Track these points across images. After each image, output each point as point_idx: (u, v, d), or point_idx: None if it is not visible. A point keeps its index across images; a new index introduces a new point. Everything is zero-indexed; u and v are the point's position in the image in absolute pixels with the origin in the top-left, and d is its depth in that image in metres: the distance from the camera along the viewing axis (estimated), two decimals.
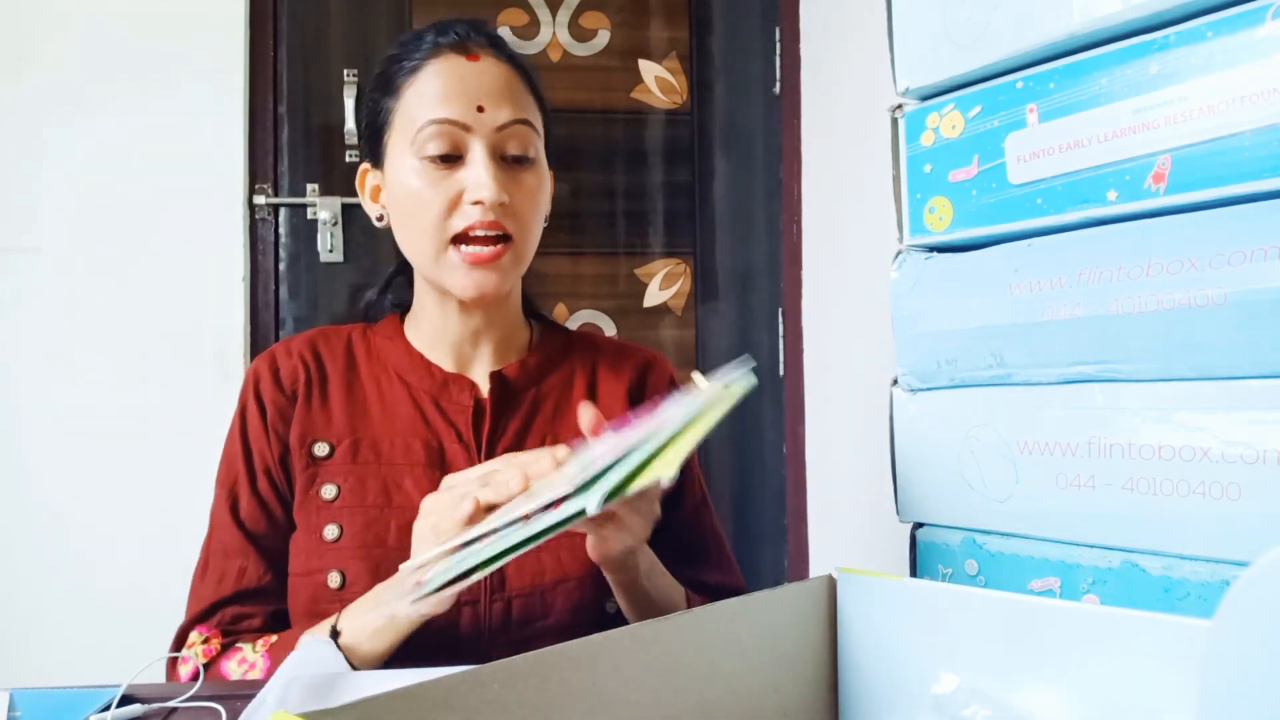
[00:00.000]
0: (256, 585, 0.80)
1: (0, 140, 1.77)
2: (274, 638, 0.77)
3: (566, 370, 0.89)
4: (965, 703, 0.42)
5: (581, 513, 0.54)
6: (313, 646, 0.66)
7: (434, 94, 0.79)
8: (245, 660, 0.76)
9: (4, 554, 1.75)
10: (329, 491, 0.81)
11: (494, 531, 0.60)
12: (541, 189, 0.83)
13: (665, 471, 0.55)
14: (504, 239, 0.79)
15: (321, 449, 0.82)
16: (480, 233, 0.78)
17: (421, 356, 0.86)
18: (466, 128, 0.78)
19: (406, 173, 0.80)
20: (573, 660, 0.38)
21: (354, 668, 0.68)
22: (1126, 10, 0.53)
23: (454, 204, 0.78)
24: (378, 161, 0.85)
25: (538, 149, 0.83)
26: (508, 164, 0.81)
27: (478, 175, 0.78)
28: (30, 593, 1.75)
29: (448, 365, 0.86)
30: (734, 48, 2.08)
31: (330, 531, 0.80)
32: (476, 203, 0.78)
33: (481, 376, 0.86)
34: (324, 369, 0.86)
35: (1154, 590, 0.52)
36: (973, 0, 0.60)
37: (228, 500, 0.82)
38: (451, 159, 0.79)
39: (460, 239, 0.79)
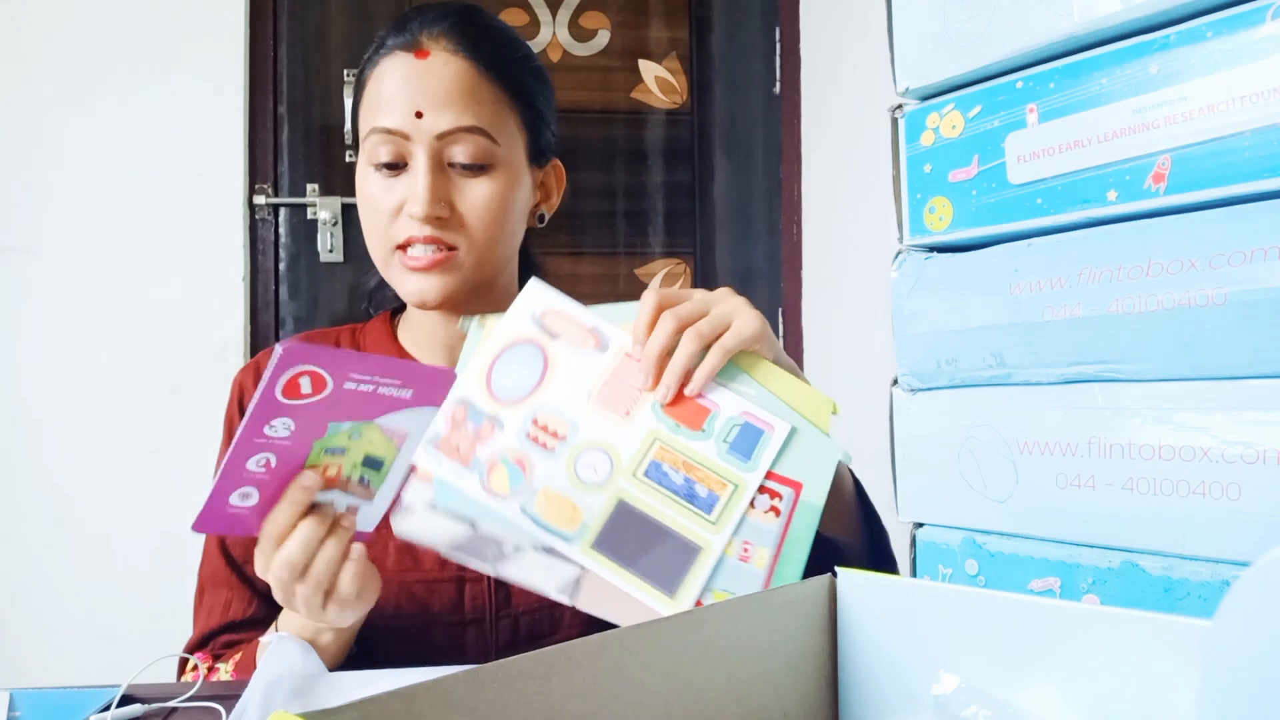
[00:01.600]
0: (243, 617, 0.79)
1: (0, 140, 1.77)
2: (239, 654, 0.76)
3: None
4: (965, 703, 0.42)
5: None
6: (284, 646, 0.65)
7: (378, 99, 0.77)
8: (220, 680, 0.75)
9: (4, 554, 1.75)
10: None
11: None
12: (501, 197, 0.78)
13: (840, 455, 0.66)
14: (448, 248, 0.77)
15: None
16: (419, 246, 0.76)
17: (412, 359, 0.85)
18: (405, 136, 0.75)
19: (363, 177, 0.79)
20: (573, 660, 0.38)
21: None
22: (1126, 10, 0.53)
23: (396, 212, 0.76)
24: None
25: (496, 154, 0.78)
26: (456, 171, 0.77)
27: (413, 187, 0.75)
28: (31, 593, 1.75)
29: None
30: (734, 48, 2.08)
31: None
32: (413, 215, 0.75)
33: None
34: None
35: (1154, 590, 0.52)
36: (973, 0, 0.60)
37: None
38: (397, 167, 0.76)
39: (405, 246, 0.77)
